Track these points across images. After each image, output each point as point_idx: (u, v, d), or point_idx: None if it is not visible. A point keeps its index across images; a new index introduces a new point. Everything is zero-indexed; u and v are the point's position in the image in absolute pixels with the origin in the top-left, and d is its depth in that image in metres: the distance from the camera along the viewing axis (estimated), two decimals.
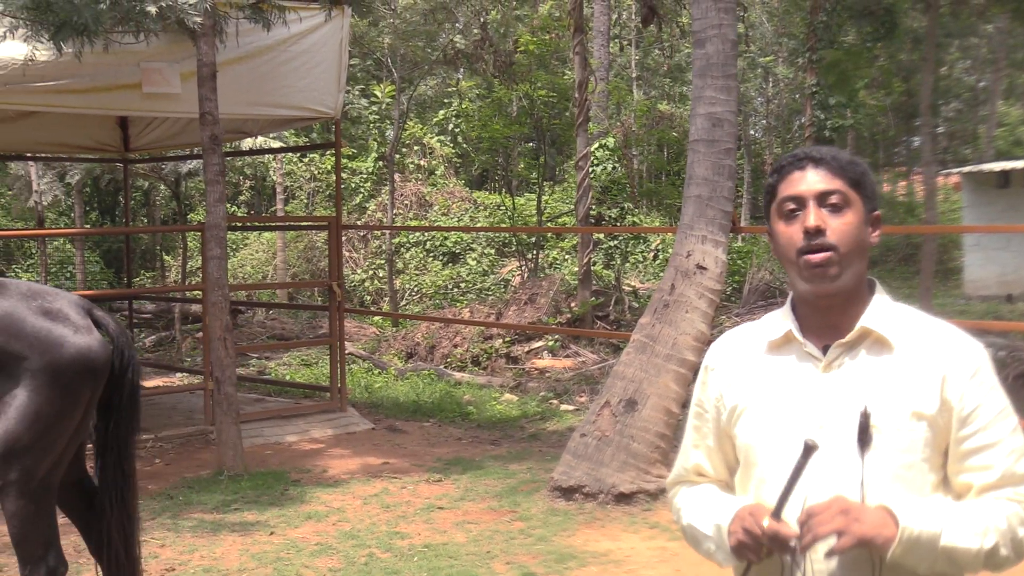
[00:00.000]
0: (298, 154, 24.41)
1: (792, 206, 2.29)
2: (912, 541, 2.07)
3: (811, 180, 2.28)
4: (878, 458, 2.18)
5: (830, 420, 2.23)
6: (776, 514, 2.12)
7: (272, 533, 7.49)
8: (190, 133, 13.23)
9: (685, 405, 8.50)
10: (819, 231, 2.23)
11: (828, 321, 2.31)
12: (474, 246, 22.33)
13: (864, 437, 2.17)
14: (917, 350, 2.25)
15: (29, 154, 16.38)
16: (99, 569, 4.84)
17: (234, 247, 24.18)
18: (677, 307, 8.05)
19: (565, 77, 21.59)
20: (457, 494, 8.47)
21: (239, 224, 22.26)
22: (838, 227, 2.25)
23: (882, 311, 2.31)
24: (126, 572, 4.77)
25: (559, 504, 7.81)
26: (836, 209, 2.26)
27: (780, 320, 2.40)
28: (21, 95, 9.27)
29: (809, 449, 2.12)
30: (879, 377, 2.24)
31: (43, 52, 8.53)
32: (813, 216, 2.25)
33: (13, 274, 24.13)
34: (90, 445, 4.90)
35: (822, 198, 2.26)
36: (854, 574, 2.16)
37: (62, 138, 13.96)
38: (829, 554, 2.09)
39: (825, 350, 2.30)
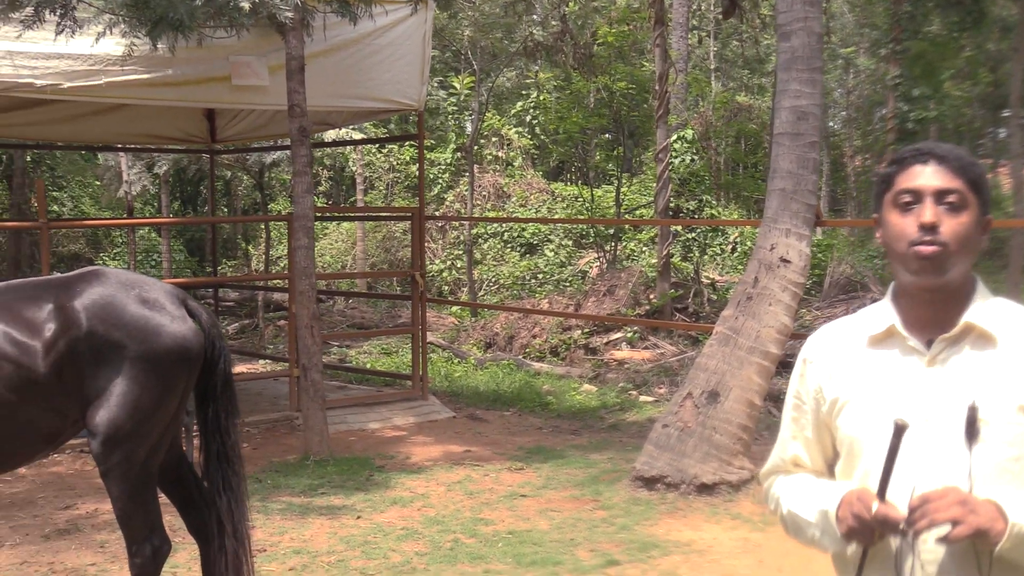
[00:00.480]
0: (377, 145, 24.68)
1: (908, 199, 2.32)
2: (1020, 537, 2.11)
3: (931, 176, 2.31)
4: (985, 451, 2.22)
5: (935, 414, 2.27)
6: (881, 497, 2.17)
7: (359, 517, 7.65)
8: (276, 125, 13.48)
9: (767, 398, 8.53)
10: (934, 227, 2.26)
11: (930, 315, 2.34)
12: (552, 237, 22.41)
13: (972, 430, 2.21)
14: (1021, 345, 2.28)
15: (120, 145, 16.79)
16: (211, 550, 4.97)
17: (314, 237, 24.50)
18: (760, 300, 8.05)
19: (643, 69, 21.57)
20: (539, 482, 8.57)
21: (325, 214, 22.50)
22: (952, 226, 2.27)
23: (985, 306, 2.34)
24: (238, 557, 4.91)
25: (641, 494, 7.87)
26: (953, 208, 2.28)
27: (881, 314, 2.43)
28: (118, 89, 9.54)
29: (900, 429, 2.16)
30: (984, 372, 2.27)
31: (139, 47, 8.76)
32: (929, 212, 2.27)
33: (101, 262, 24.72)
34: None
35: (940, 195, 2.29)
36: (960, 563, 2.20)
37: (152, 129, 14.31)
38: (942, 540, 2.13)
39: (929, 344, 2.33)
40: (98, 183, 27.17)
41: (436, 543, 7.01)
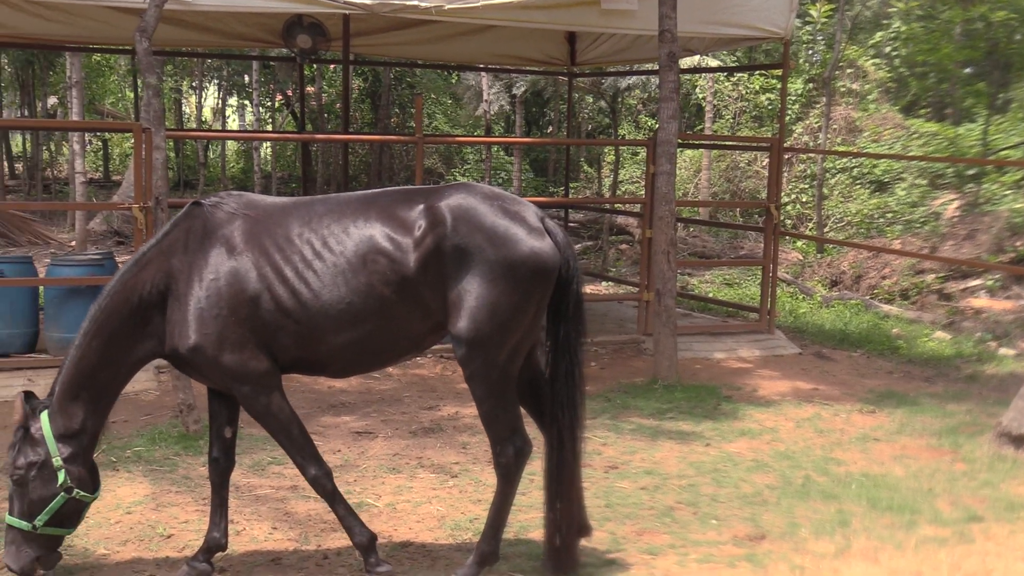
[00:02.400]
0: (725, 74, 24.27)
1: None
2: None
3: None
4: None
5: None
6: None
7: (708, 444, 7.71)
8: (636, 49, 13.53)
9: None
10: None
11: None
12: (904, 175, 21.35)
13: None
14: None
15: (481, 65, 17.39)
16: (549, 464, 5.13)
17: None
18: None
19: None
20: (892, 427, 8.31)
21: (683, 141, 22.33)
22: None
23: None
24: (569, 469, 5.04)
25: (1007, 451, 7.46)
26: None
27: None
28: (494, 11, 9.85)
29: None
30: None
31: None
32: None
33: (452, 177, 25.86)
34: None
35: None
36: None
37: (514, 51, 14.72)
38: None
39: None
40: (449, 101, 28.35)
41: (787, 478, 6.96)
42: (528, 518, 6.01)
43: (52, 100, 28.77)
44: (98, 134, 30.07)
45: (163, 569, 5.25)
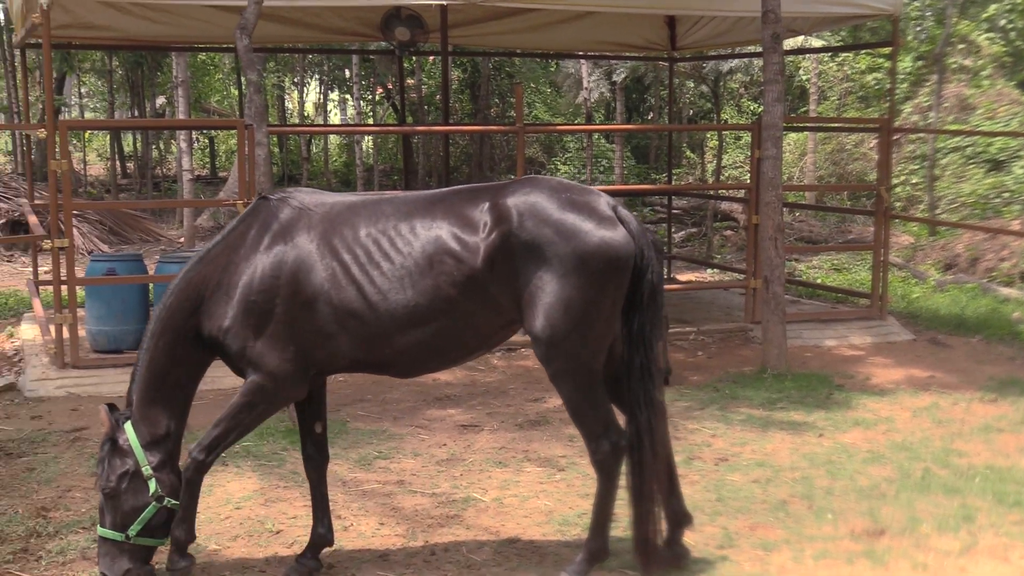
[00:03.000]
0: (830, 54, 23.71)
1: None
2: None
3: None
4: None
5: None
6: None
7: (821, 435, 7.49)
8: (737, 31, 13.26)
9: None
10: None
11: None
12: (1022, 153, 20.63)
13: None
14: None
15: (580, 52, 17.24)
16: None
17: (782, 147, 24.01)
18: None
19: None
20: (1017, 417, 7.98)
21: (791, 124, 21.85)
22: None
23: None
24: (649, 469, 4.81)
25: None
26: None
27: None
28: None
29: None
30: None
31: None
32: None
33: (552, 166, 25.74)
34: None
35: None
36: None
37: (613, 37, 14.55)
38: None
39: None
40: (548, 90, 28.21)
41: (905, 470, 6.72)
42: None
43: (160, 100, 29.39)
44: (205, 132, 30.60)
45: (272, 566, 5.25)
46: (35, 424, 7.70)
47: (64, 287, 8.96)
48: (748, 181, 12.16)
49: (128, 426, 4.77)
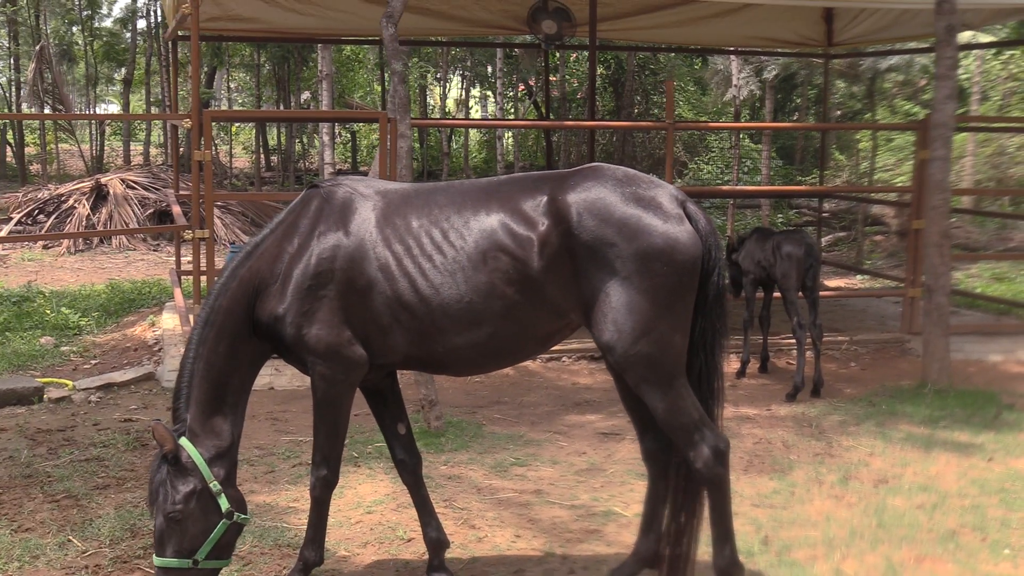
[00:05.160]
0: (993, 51, 22.59)
1: None
2: None
3: None
4: None
5: None
6: None
7: (991, 459, 6.94)
8: (900, 26, 12.63)
9: None
10: None
11: None
12: None
13: None
14: None
15: (731, 48, 16.73)
16: (664, 484, 4.67)
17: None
18: None
19: None
20: None
21: (967, 124, 20.81)
22: None
23: None
24: (697, 483, 4.47)
25: None
26: None
27: None
28: None
29: None
30: None
31: None
32: None
33: (695, 166, 25.17)
34: None
35: None
36: None
37: (767, 32, 14.04)
38: None
39: None
40: (692, 88, 27.64)
41: None
42: (791, 535, 5.49)
43: (305, 95, 29.84)
44: (347, 126, 30.96)
45: (403, 575, 5.02)
46: None
47: (204, 277, 8.95)
48: (904, 184, 11.51)
49: (184, 441, 4.35)
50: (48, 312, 11.65)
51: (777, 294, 9.14)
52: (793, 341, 8.98)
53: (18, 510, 5.84)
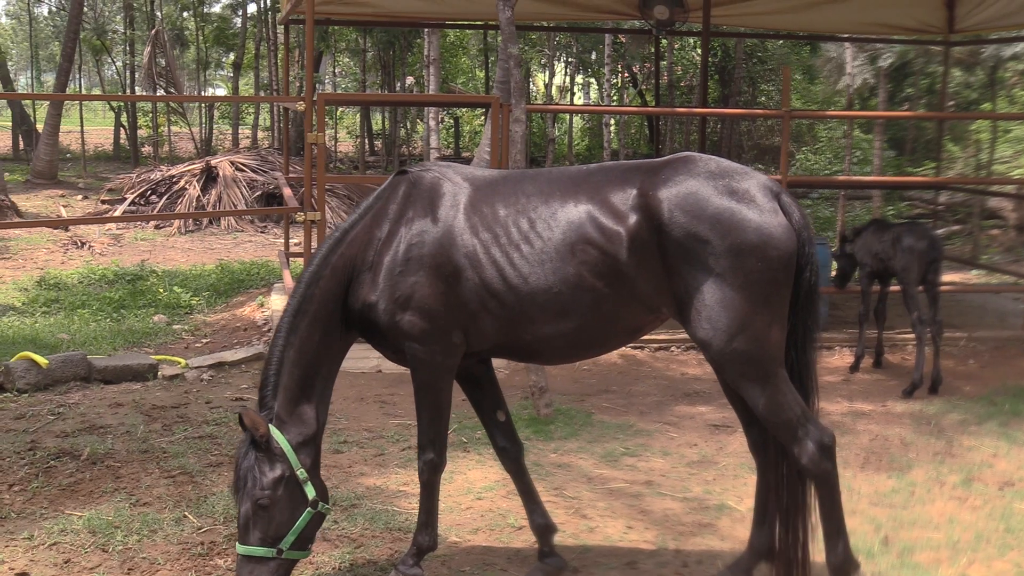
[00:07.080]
0: None
1: None
2: None
3: None
4: None
5: None
6: None
7: None
8: None
9: None
10: None
11: None
12: None
13: None
14: None
15: (846, 35, 16.33)
16: (772, 475, 4.53)
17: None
18: None
19: None
20: None
21: None
22: None
23: None
24: (792, 488, 4.38)
25: None
26: None
27: None
28: None
29: None
30: None
31: None
32: None
33: (802, 156, 24.66)
34: None
35: None
36: None
37: (884, 18, 13.64)
38: None
39: None
40: (799, 76, 27.08)
41: None
42: (912, 537, 5.31)
43: (409, 80, 29.96)
44: (449, 112, 31.04)
45: (514, 564, 4.97)
46: None
47: None
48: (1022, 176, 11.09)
49: (272, 428, 4.31)
50: (161, 291, 11.87)
51: (894, 287, 8.89)
52: (907, 336, 8.72)
53: (136, 484, 5.93)
